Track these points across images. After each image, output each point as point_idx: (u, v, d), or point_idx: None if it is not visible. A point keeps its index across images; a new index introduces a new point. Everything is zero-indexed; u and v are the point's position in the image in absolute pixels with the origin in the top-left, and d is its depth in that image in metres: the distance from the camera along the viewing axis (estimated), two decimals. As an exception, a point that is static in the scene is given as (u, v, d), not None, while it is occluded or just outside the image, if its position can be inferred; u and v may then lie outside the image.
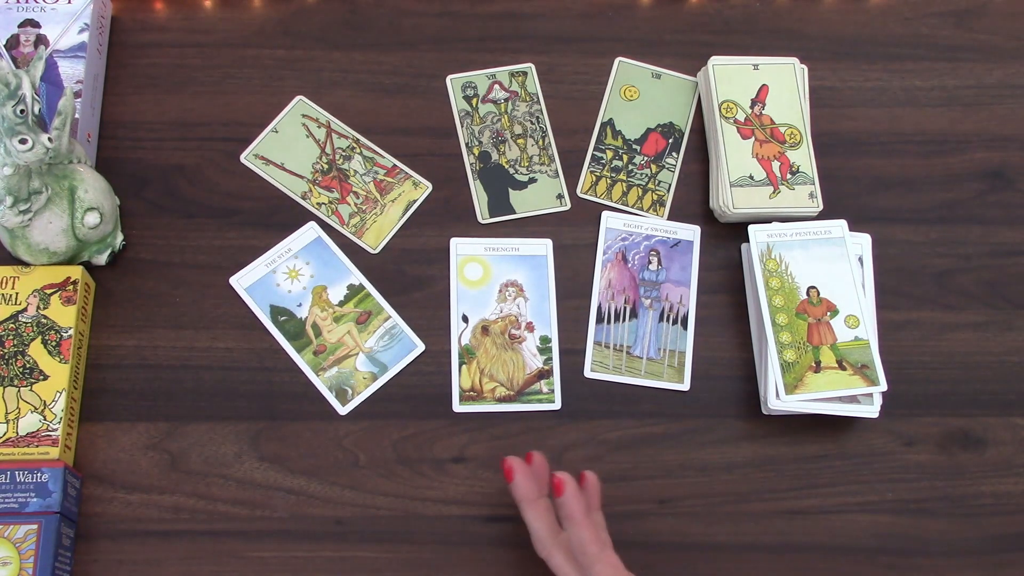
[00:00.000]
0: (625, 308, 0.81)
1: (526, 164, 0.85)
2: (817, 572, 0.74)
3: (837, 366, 0.76)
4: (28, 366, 0.74)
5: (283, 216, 0.82)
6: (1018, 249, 0.85)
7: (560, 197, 0.84)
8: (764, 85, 0.85)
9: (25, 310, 0.75)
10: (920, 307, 0.82)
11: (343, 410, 0.77)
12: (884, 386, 0.76)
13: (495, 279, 0.81)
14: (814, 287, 0.78)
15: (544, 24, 0.90)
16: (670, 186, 0.85)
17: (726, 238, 0.83)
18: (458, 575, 0.73)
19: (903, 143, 0.88)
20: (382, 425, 0.77)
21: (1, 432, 0.72)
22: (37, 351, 0.74)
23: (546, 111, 0.87)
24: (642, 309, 0.81)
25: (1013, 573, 0.75)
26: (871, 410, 0.76)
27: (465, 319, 0.80)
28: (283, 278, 0.80)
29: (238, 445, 0.75)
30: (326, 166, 0.84)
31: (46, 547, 0.68)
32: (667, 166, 0.86)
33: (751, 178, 0.82)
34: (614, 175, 0.85)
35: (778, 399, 0.75)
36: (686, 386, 0.79)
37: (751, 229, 0.80)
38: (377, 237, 0.82)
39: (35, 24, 0.83)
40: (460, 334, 0.79)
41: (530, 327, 0.80)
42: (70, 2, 0.84)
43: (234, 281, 0.80)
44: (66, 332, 0.75)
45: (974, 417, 0.79)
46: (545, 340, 0.80)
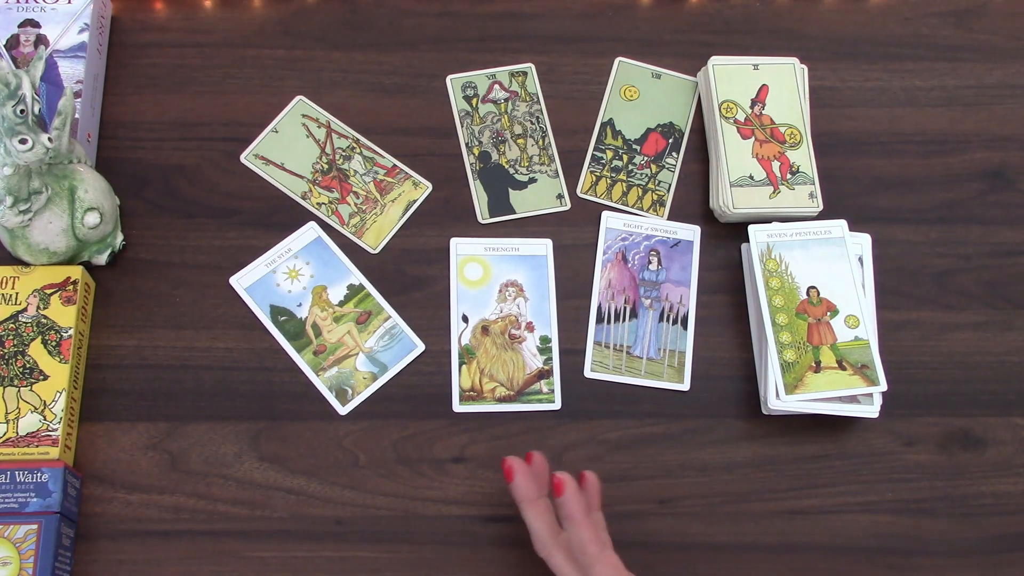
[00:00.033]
0: (625, 308, 0.81)
1: (526, 164, 0.85)
2: (817, 572, 0.74)
3: (837, 366, 0.76)
4: (28, 366, 0.74)
5: (283, 216, 0.82)
6: (1018, 249, 0.85)
7: (560, 197, 0.84)
8: (764, 85, 0.85)
9: (25, 310, 0.75)
10: (920, 307, 0.82)
11: (343, 410, 0.77)
12: (884, 386, 0.75)
13: (495, 279, 0.81)
14: (814, 287, 0.78)
15: (544, 24, 0.90)
16: (670, 186, 0.85)
17: (726, 238, 0.83)
18: (458, 575, 0.73)
19: (903, 143, 0.88)
20: (382, 425, 0.77)
21: (1, 432, 0.72)
22: (37, 351, 0.74)
23: (546, 111, 0.87)
24: (642, 309, 0.81)
25: (1013, 573, 0.75)
26: (871, 410, 0.76)
27: (465, 319, 0.80)
28: (283, 278, 0.80)
29: (238, 445, 0.75)
30: (326, 166, 0.84)
31: (46, 547, 0.68)
32: (667, 166, 0.86)
33: (751, 178, 0.82)
34: (614, 175, 0.85)
35: (778, 399, 0.75)
36: (686, 386, 0.79)
37: (751, 229, 0.80)
38: (377, 237, 0.82)
39: (35, 24, 0.83)
40: (460, 334, 0.79)
41: (530, 327, 0.80)
42: (70, 2, 0.84)
43: (234, 281, 0.80)
44: (66, 332, 0.75)
45: (974, 417, 0.79)
46: (545, 340, 0.80)
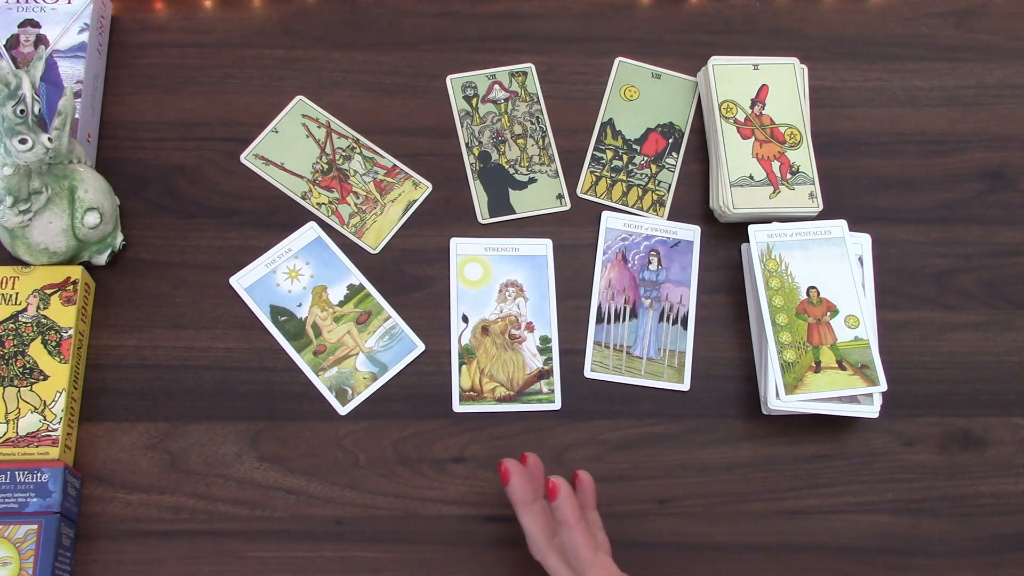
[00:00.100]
0: (625, 308, 0.81)
1: (526, 164, 0.85)
2: (817, 572, 0.74)
3: (837, 366, 0.76)
4: (28, 366, 0.74)
5: (283, 216, 0.82)
6: (1018, 249, 0.85)
7: (560, 197, 0.84)
8: (764, 85, 0.85)
9: (25, 310, 0.75)
10: (920, 307, 0.82)
11: (343, 410, 0.77)
12: (884, 386, 0.75)
13: (495, 279, 0.81)
14: (814, 287, 0.78)
15: (544, 24, 0.90)
16: (670, 186, 0.85)
17: (726, 238, 0.83)
18: (458, 575, 0.73)
19: (903, 143, 0.88)
20: (382, 425, 0.76)
21: (1, 432, 0.72)
22: (37, 351, 0.74)
23: (546, 111, 0.87)
24: (642, 309, 0.81)
25: (1013, 573, 0.75)
26: (871, 410, 0.76)
27: (465, 319, 0.80)
28: (283, 278, 0.80)
29: (238, 445, 0.75)
30: (326, 166, 0.84)
31: (46, 547, 0.68)
32: (667, 166, 0.86)
33: (751, 178, 0.82)
34: (614, 175, 0.85)
35: (778, 399, 0.75)
36: (686, 386, 0.79)
37: (751, 229, 0.80)
38: (377, 237, 0.82)
39: (35, 24, 0.83)
40: (460, 334, 0.79)
41: (530, 327, 0.80)
42: (70, 2, 0.84)
43: (234, 281, 0.80)
44: (66, 332, 0.75)
45: (974, 417, 0.79)
46: (545, 340, 0.80)
